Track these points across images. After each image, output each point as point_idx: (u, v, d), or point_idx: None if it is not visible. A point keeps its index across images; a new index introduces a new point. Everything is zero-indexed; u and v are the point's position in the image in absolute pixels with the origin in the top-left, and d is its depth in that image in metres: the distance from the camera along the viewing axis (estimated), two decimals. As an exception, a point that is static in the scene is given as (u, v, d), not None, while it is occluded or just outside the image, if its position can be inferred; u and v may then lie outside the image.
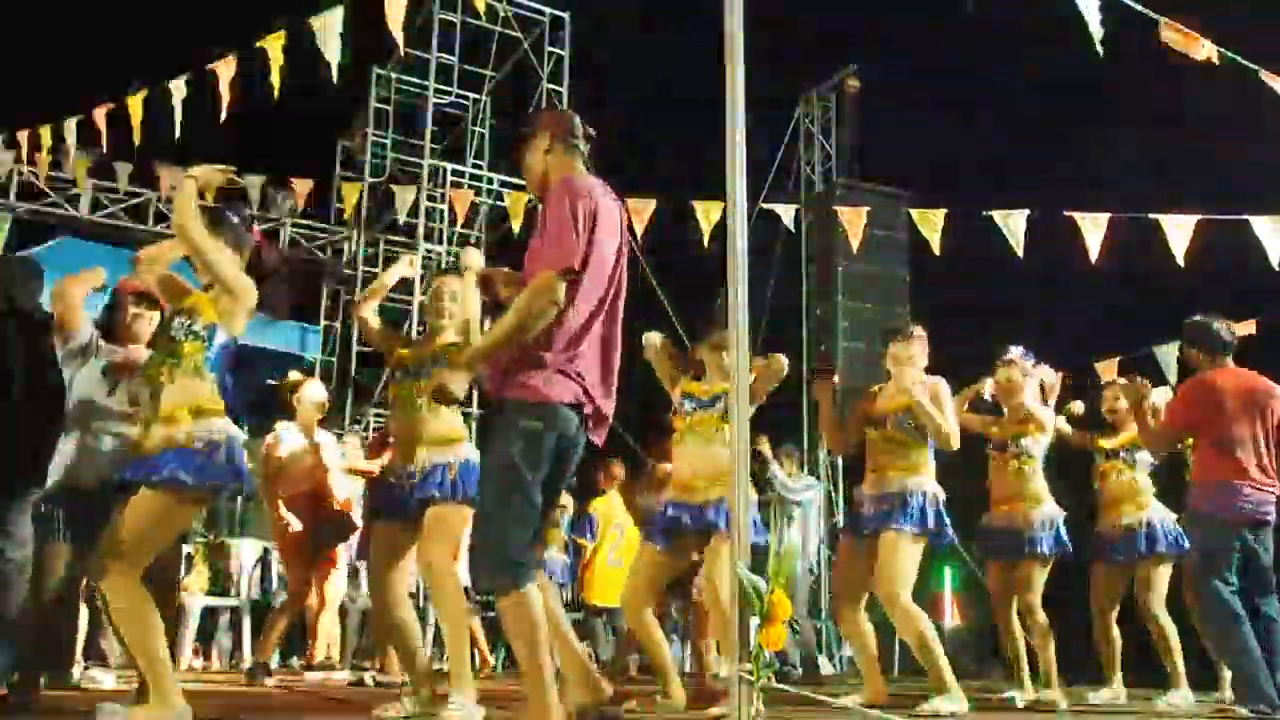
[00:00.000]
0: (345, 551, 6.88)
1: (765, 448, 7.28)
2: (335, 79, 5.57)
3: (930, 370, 4.83)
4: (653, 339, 4.82)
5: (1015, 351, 5.56)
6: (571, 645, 3.28)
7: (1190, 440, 5.05)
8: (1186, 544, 5.37)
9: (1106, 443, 5.79)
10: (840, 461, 12.40)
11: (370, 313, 4.27)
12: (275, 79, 5.68)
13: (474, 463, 3.87)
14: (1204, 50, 4.96)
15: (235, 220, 3.52)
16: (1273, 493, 4.62)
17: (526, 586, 2.75)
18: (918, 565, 4.56)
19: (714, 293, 4.07)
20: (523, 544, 2.80)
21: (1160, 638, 5.52)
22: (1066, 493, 5.58)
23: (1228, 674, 5.32)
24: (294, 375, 7.24)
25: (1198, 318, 4.88)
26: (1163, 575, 5.56)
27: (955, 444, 4.62)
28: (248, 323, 3.45)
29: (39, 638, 4.08)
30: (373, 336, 4.30)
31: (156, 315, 4.15)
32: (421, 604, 7.29)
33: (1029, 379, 5.51)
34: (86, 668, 5.39)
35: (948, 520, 4.63)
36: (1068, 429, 5.85)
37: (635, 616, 4.58)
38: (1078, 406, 6.00)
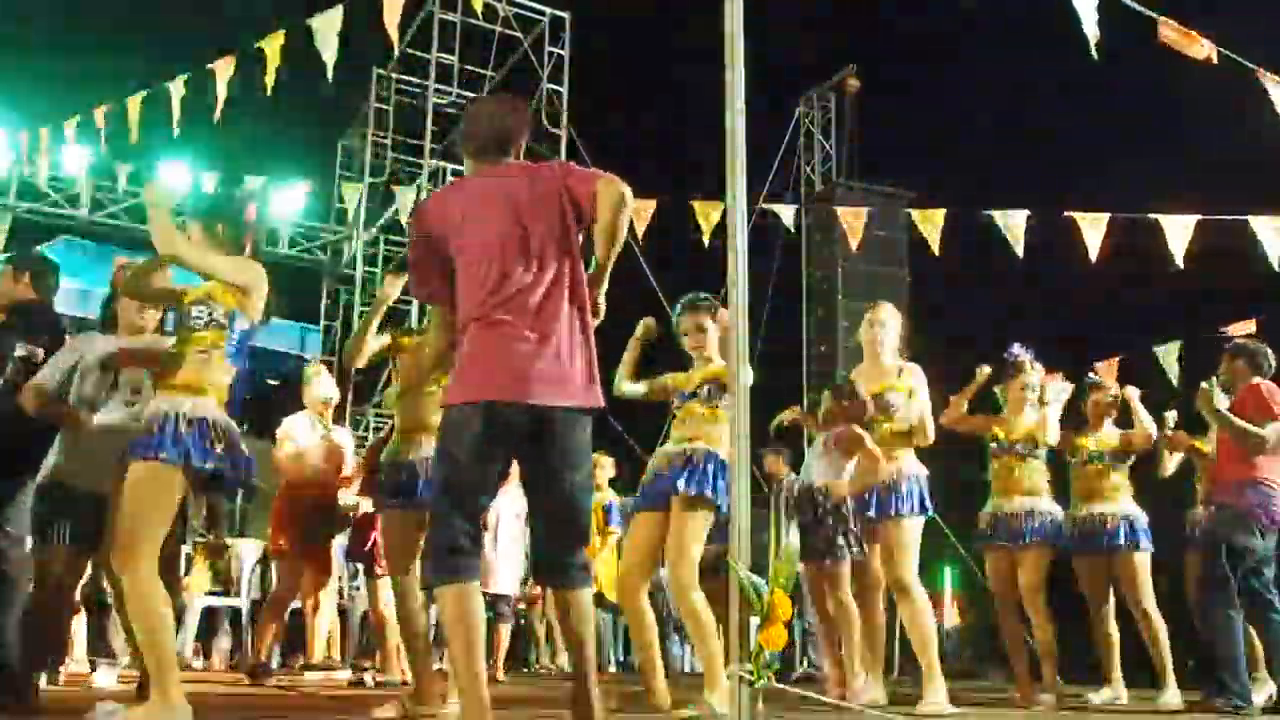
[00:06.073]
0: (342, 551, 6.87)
1: (781, 468, 7.14)
2: (330, 78, 5.57)
3: (930, 370, 4.83)
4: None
5: (1021, 352, 5.53)
6: None
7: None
8: (1147, 542, 5.51)
9: (1088, 442, 5.76)
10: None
11: (363, 355, 4.15)
12: (270, 78, 5.69)
13: None
14: (1203, 50, 4.97)
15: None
16: None
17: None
18: (919, 547, 4.64)
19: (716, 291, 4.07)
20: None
21: (1150, 635, 5.46)
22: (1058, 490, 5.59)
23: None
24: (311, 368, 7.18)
25: (1243, 341, 5.27)
26: (1143, 568, 5.51)
27: (930, 438, 4.71)
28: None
29: (36, 636, 4.08)
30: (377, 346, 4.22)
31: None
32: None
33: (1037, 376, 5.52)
34: (94, 666, 5.39)
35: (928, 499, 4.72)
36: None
37: (632, 598, 4.11)
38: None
